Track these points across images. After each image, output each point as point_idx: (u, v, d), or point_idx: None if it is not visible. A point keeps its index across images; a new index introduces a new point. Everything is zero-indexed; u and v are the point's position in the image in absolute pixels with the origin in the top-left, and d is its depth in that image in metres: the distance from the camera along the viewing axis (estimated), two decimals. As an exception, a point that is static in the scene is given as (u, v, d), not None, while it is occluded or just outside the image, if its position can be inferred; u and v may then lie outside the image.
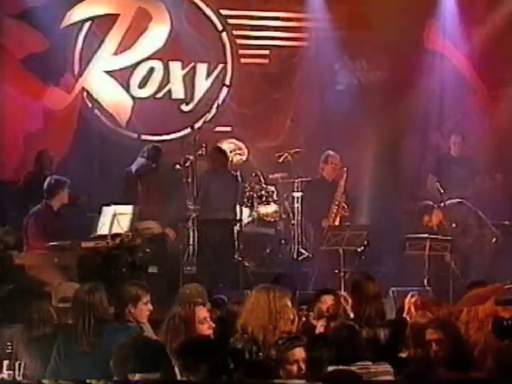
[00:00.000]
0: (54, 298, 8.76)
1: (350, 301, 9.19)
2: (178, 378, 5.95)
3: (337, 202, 13.48)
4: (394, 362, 7.43)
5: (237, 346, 7.75)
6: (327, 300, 9.14)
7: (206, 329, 7.64)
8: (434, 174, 14.16)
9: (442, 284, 12.68)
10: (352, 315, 8.95)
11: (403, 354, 8.09)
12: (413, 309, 8.91)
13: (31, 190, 12.97)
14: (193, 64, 15.11)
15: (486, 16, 14.70)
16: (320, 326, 8.52)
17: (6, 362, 7.43)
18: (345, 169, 13.61)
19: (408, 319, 8.57)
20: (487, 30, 14.70)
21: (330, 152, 13.71)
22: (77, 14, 14.46)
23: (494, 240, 13.39)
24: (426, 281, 12.90)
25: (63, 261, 11.62)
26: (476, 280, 10.33)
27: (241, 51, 15.33)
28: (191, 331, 7.52)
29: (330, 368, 6.82)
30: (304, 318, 8.81)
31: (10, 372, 7.37)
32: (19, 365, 7.42)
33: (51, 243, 11.99)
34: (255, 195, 13.86)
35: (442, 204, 13.46)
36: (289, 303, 8.15)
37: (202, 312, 7.78)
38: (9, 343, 7.91)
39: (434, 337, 7.23)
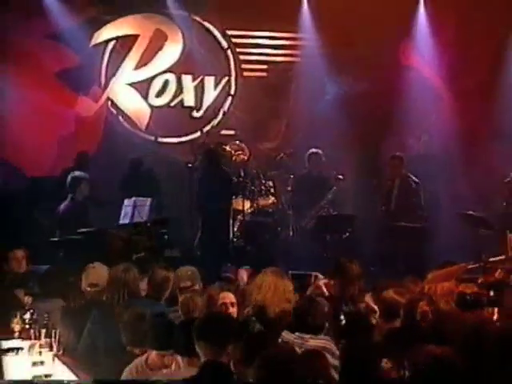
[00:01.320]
0: (84, 281, 8.81)
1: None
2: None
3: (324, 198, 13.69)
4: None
5: (242, 319, 7.75)
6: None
7: (232, 311, 7.73)
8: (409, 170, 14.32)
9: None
10: (327, 293, 9.06)
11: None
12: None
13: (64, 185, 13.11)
14: (202, 77, 15.13)
15: (452, 37, 14.69)
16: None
17: (43, 331, 7.54)
18: (335, 172, 13.82)
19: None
20: (453, 48, 14.72)
21: (313, 149, 13.87)
22: (103, 34, 14.56)
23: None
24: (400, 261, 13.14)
25: (90, 244, 11.75)
26: (447, 260, 10.48)
27: (243, 66, 15.36)
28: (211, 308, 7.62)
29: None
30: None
31: (48, 339, 7.48)
32: (55, 333, 7.52)
33: (80, 230, 12.15)
34: (255, 189, 13.83)
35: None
36: (291, 287, 8.27)
37: (225, 296, 7.90)
38: (46, 315, 8.02)
39: (424, 309, 7.41)
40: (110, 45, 14.70)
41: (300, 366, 5.21)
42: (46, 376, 7.00)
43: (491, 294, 8.21)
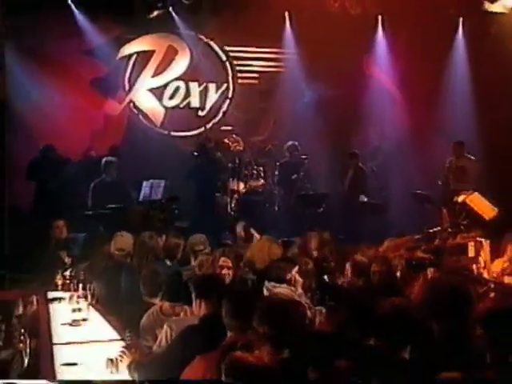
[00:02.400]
0: (113, 246, 8.96)
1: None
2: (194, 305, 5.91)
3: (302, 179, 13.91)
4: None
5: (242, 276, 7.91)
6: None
7: (226, 273, 7.67)
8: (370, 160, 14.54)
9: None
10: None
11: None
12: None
13: (95, 168, 13.22)
14: (205, 83, 15.18)
15: (404, 52, 14.81)
16: None
17: (80, 285, 7.75)
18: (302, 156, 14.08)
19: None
20: (405, 61, 14.84)
21: (291, 142, 14.09)
22: (126, 50, 14.64)
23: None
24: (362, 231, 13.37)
25: (117, 217, 11.90)
26: (400, 230, 10.71)
27: (238, 74, 15.41)
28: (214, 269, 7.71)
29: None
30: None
31: (84, 291, 7.71)
32: (89, 286, 7.74)
33: (109, 205, 12.33)
34: (248, 173, 13.93)
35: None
36: (276, 249, 8.48)
37: (224, 261, 7.79)
38: (82, 272, 8.25)
39: (376, 269, 7.61)
40: (132, 58, 14.75)
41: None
42: (83, 320, 7.24)
43: (432, 258, 8.42)
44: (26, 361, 5.56)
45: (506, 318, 4.72)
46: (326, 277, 8.38)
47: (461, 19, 15.24)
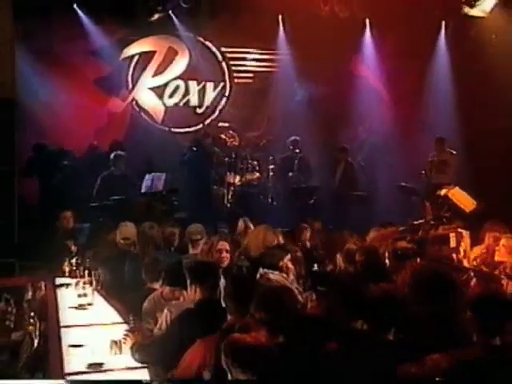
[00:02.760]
0: (118, 235, 8.98)
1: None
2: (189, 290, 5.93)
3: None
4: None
5: (237, 264, 7.92)
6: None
7: (224, 256, 7.75)
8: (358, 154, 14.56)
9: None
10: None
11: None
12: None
13: (99, 162, 13.28)
14: (203, 82, 15.19)
15: (390, 53, 14.82)
16: None
17: (86, 271, 7.77)
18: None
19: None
20: (391, 62, 14.87)
21: (292, 137, 14.09)
22: (129, 51, 14.64)
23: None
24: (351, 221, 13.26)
25: (121, 209, 11.90)
26: (386, 220, 10.73)
27: (234, 74, 15.41)
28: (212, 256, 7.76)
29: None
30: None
31: (89, 278, 7.72)
32: (94, 273, 7.76)
33: (113, 197, 12.35)
34: (244, 167, 13.95)
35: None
36: (271, 238, 8.47)
37: (222, 245, 7.88)
38: (88, 260, 8.27)
39: (360, 258, 7.57)
40: (135, 59, 14.76)
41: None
42: (89, 304, 7.27)
43: (416, 248, 8.44)
44: (36, 342, 5.60)
45: (492, 303, 4.79)
46: (315, 264, 8.39)
47: (443, 22, 15.28)
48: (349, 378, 4.48)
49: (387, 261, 7.89)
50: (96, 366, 5.36)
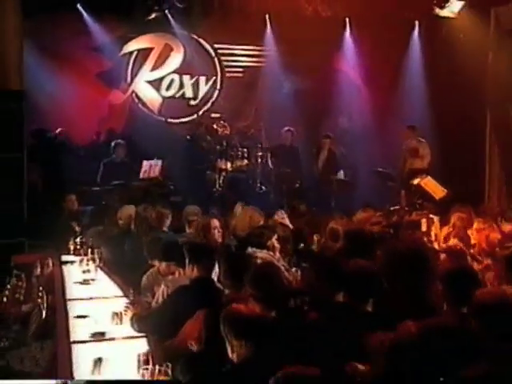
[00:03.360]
0: (119, 216, 9.01)
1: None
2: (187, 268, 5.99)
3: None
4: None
5: (227, 243, 7.90)
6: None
7: (218, 234, 7.88)
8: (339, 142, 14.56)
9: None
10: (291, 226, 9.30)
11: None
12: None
13: (101, 149, 13.29)
14: (197, 77, 15.14)
15: (368, 49, 14.84)
16: None
17: (89, 250, 7.77)
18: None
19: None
20: (369, 57, 14.89)
21: (286, 128, 14.03)
22: (129, 47, 14.56)
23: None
24: (333, 203, 13.40)
25: (121, 192, 11.89)
26: (366, 203, 10.76)
27: (226, 69, 15.35)
28: (208, 235, 7.81)
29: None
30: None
31: (92, 255, 7.72)
32: (97, 251, 7.76)
33: (113, 182, 12.34)
34: (234, 154, 13.88)
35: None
36: (257, 219, 8.50)
37: (215, 222, 8.03)
38: (91, 239, 8.28)
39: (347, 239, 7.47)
40: (133, 54, 14.68)
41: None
42: (92, 280, 7.28)
43: (391, 231, 8.49)
44: (44, 313, 5.61)
45: (460, 276, 4.84)
46: (300, 243, 8.41)
47: (416, 22, 15.33)
48: (329, 345, 4.51)
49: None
50: (99, 335, 5.40)
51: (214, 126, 14.24)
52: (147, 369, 4.36)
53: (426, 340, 4.13)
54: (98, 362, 4.73)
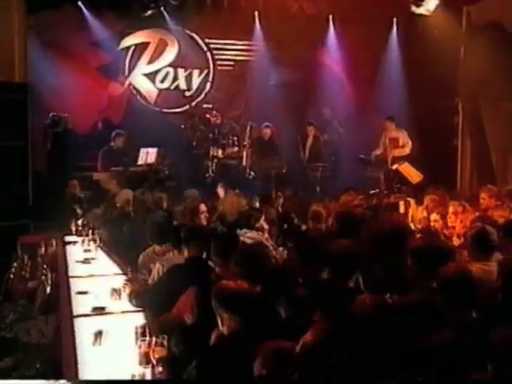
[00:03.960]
0: (117, 200, 9.03)
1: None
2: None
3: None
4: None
5: (214, 226, 7.92)
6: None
7: (204, 218, 7.93)
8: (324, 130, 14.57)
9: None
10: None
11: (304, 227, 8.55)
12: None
13: (101, 138, 13.27)
14: (191, 70, 15.07)
15: (350, 44, 14.82)
16: None
17: (90, 231, 7.81)
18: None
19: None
20: (351, 52, 14.86)
21: (265, 124, 14.00)
22: (126, 42, 14.46)
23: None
24: (318, 188, 13.50)
25: (119, 178, 11.91)
26: (349, 187, 10.83)
27: (218, 62, 15.28)
28: (195, 218, 7.88)
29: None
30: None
31: (93, 236, 7.76)
32: (97, 232, 7.80)
33: (113, 168, 12.34)
34: (225, 142, 13.84)
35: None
36: (243, 203, 8.53)
37: (202, 207, 8.09)
38: (91, 221, 8.31)
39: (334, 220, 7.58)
40: (131, 49, 14.59)
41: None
42: (93, 259, 7.32)
43: (371, 213, 8.53)
44: (48, 289, 5.66)
45: (431, 253, 4.89)
46: (285, 225, 8.45)
47: (395, 19, 15.32)
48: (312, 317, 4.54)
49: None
50: (99, 310, 5.45)
51: (207, 116, 14.22)
52: (144, 340, 4.41)
53: (379, 313, 4.20)
54: (99, 334, 4.79)
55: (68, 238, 8.29)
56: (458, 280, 4.28)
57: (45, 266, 6.28)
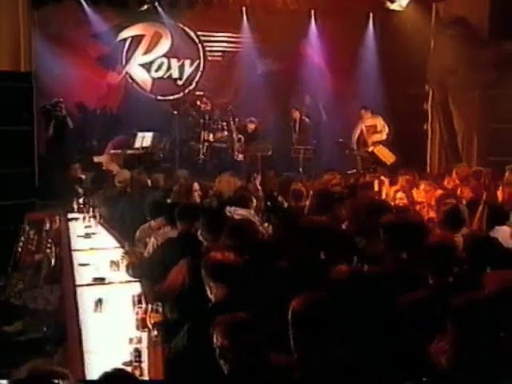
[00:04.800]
0: (116, 179, 9.04)
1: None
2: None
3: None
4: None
5: (210, 203, 8.00)
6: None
7: (197, 195, 7.93)
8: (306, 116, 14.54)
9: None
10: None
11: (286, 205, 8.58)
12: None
13: (101, 123, 13.26)
14: (183, 60, 15.01)
15: (330, 37, 14.86)
16: None
17: (91, 208, 7.83)
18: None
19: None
20: (331, 44, 14.89)
21: (249, 119, 13.92)
22: (123, 34, 14.38)
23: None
24: (301, 169, 13.54)
25: (118, 159, 11.93)
26: (329, 167, 10.88)
27: (208, 53, 15.22)
28: (189, 196, 7.90)
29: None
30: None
31: (93, 213, 7.79)
32: (98, 209, 7.83)
33: (112, 151, 12.36)
34: (215, 127, 13.85)
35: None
36: (238, 183, 8.56)
37: (196, 186, 8.05)
38: (92, 198, 8.33)
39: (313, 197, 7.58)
40: (128, 41, 14.53)
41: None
42: (93, 233, 7.35)
43: (349, 191, 8.58)
44: (53, 261, 5.70)
45: (404, 229, 4.93)
46: (269, 202, 8.46)
47: (371, 14, 15.33)
48: (295, 288, 4.57)
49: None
50: (99, 280, 5.49)
51: (198, 103, 14.19)
52: (141, 307, 4.47)
53: (354, 282, 4.28)
54: (99, 302, 4.84)
55: (71, 215, 8.31)
56: (443, 248, 4.32)
57: (49, 241, 6.33)
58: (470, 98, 12.63)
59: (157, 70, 14.93)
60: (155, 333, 4.30)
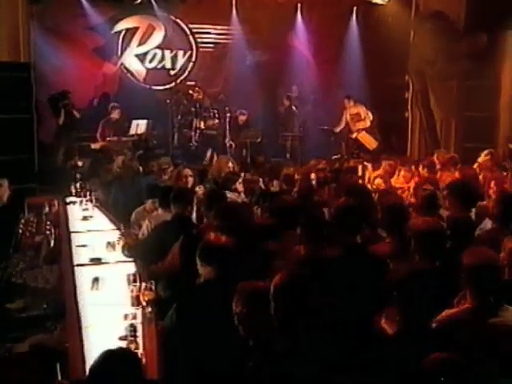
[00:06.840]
0: (115, 165, 9.06)
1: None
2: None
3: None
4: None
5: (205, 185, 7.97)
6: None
7: (190, 180, 7.91)
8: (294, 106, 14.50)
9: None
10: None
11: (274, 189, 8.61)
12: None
13: (97, 112, 13.22)
14: (176, 51, 14.92)
15: (316, 29, 14.84)
16: None
17: (88, 192, 7.84)
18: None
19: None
20: (317, 35, 14.87)
21: (239, 111, 13.92)
22: (119, 26, 14.25)
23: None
24: (288, 155, 13.54)
25: (115, 146, 11.90)
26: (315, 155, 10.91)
27: (200, 45, 15.12)
28: (181, 181, 7.87)
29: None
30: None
31: (90, 197, 7.80)
32: (94, 193, 7.84)
33: (109, 138, 12.34)
34: (207, 115, 13.79)
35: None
36: (230, 164, 8.58)
37: (188, 171, 8.12)
38: (88, 183, 8.33)
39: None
40: (123, 33, 14.41)
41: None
42: (90, 216, 7.37)
43: (333, 176, 8.62)
44: (52, 243, 5.71)
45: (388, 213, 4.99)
46: (261, 184, 8.48)
47: (355, 8, 15.27)
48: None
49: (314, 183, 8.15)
50: (96, 260, 5.51)
51: (190, 92, 14.14)
52: (135, 285, 4.50)
53: (313, 262, 4.30)
54: (96, 280, 4.87)
55: (69, 199, 8.32)
56: (431, 232, 4.36)
57: (49, 223, 6.34)
58: (448, 87, 12.71)
59: (150, 61, 14.83)
60: (149, 309, 4.34)
